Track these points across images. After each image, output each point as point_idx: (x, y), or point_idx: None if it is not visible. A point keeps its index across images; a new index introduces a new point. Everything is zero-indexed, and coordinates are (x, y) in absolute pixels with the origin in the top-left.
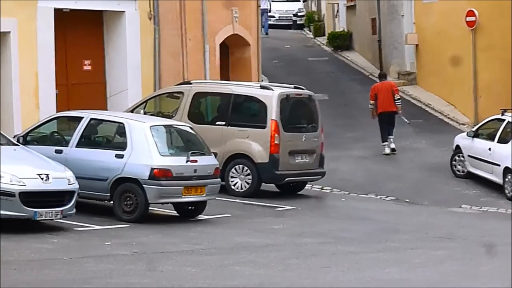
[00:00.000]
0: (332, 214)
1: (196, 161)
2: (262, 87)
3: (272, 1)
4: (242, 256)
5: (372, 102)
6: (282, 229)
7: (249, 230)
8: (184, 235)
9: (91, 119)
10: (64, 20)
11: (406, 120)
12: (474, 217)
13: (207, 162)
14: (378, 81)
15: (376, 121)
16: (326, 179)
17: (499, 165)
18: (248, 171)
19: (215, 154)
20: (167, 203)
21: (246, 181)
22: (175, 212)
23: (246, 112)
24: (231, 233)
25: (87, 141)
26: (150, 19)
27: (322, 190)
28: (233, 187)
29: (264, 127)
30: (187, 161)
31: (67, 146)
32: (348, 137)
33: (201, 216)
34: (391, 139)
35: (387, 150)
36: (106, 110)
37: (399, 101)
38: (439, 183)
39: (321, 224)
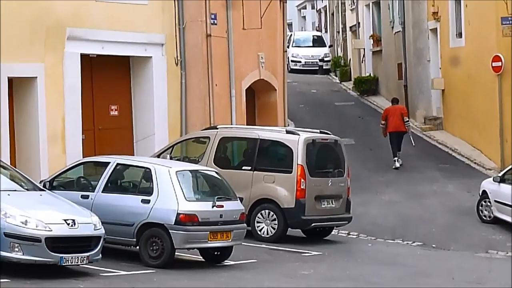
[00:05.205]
0: (361, 259)
1: (222, 206)
2: (288, 132)
3: (298, 46)
4: None
5: (383, 122)
6: (312, 274)
7: (279, 275)
8: (212, 280)
9: (118, 164)
10: (91, 65)
11: (412, 142)
12: (502, 262)
13: (233, 207)
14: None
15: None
16: (353, 224)
17: None
18: (274, 216)
19: (241, 199)
20: (193, 248)
21: (272, 226)
22: (201, 257)
23: (272, 156)
24: (260, 278)
25: (113, 186)
26: (177, 64)
27: (349, 236)
28: (259, 232)
29: (290, 172)
30: (213, 206)
31: (93, 191)
32: (379, 181)
33: (227, 262)
34: (399, 154)
35: (397, 164)
36: (133, 155)
37: (408, 122)
38: (465, 228)
39: (351, 269)
